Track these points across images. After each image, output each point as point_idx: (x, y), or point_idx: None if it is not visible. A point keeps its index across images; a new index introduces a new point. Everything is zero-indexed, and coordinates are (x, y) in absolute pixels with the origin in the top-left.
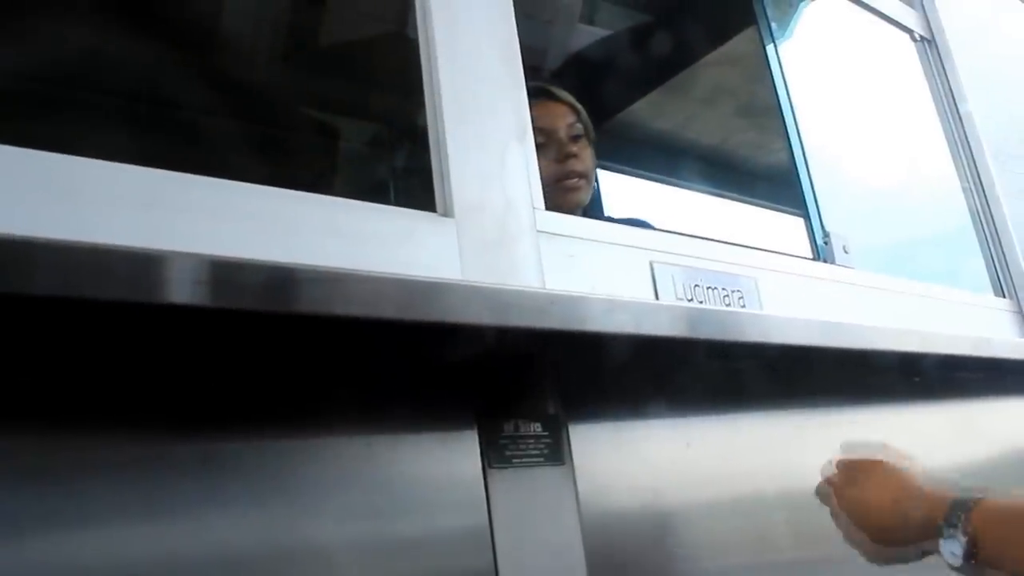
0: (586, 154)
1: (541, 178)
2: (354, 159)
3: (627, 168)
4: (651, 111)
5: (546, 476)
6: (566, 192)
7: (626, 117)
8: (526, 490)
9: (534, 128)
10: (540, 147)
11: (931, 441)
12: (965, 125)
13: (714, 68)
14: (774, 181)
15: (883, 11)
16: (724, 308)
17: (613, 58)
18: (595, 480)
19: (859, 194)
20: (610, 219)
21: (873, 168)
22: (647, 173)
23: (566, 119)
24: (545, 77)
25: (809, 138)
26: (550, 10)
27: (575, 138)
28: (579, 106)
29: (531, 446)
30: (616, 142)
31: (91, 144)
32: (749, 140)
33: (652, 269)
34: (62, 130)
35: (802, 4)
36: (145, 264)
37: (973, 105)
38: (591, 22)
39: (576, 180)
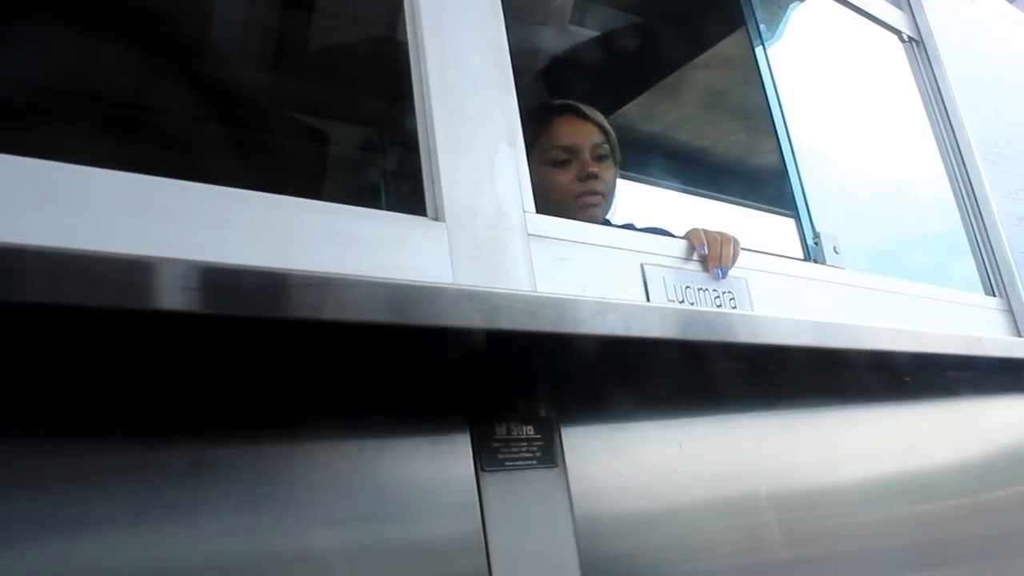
0: (608, 174)
1: (560, 192)
2: (345, 164)
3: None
4: (641, 113)
5: (539, 478)
6: (583, 208)
7: (616, 120)
8: (519, 493)
9: (559, 146)
10: (563, 163)
11: (923, 440)
12: (954, 124)
13: (704, 70)
14: (765, 182)
15: (871, 12)
16: (715, 309)
17: (603, 60)
18: (588, 482)
19: (849, 195)
20: (631, 227)
21: (863, 168)
22: (638, 176)
23: (592, 138)
24: (536, 79)
25: (799, 139)
26: (540, 12)
27: (600, 158)
28: (607, 126)
29: (524, 449)
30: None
31: (80, 150)
32: (739, 142)
33: (643, 271)
34: (52, 136)
35: (791, 6)
36: (134, 271)
37: (961, 105)
38: (582, 24)
39: (594, 198)
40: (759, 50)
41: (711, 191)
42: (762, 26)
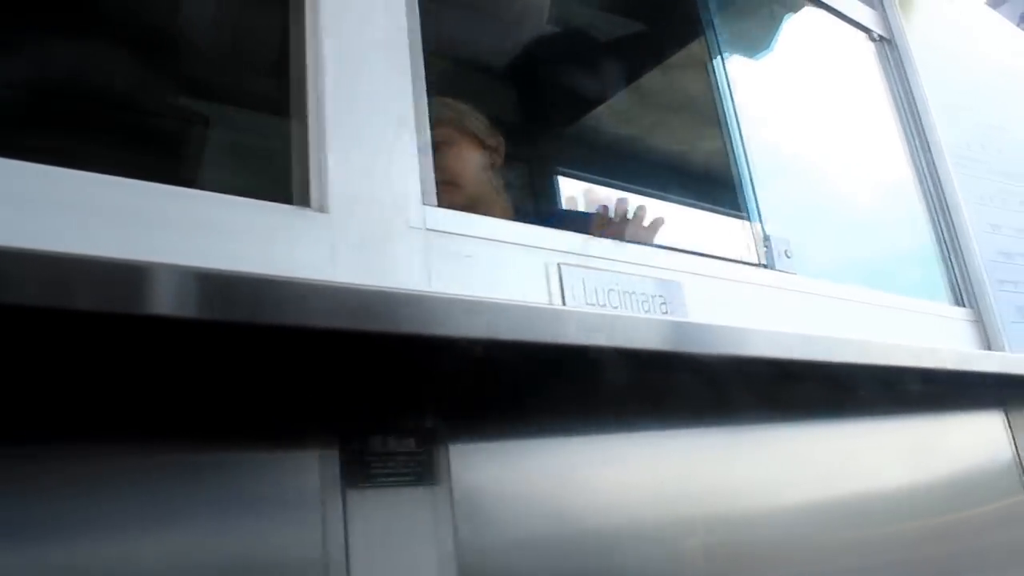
0: (447, 158)
1: None
2: (232, 149)
3: (587, 174)
4: (613, 117)
5: (416, 497)
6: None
7: (589, 122)
8: (390, 514)
9: None
10: None
11: (876, 459)
12: (925, 127)
13: (677, 72)
14: (726, 186)
15: (841, 10)
16: (640, 315)
17: (579, 59)
18: (476, 504)
19: (815, 200)
20: (561, 212)
21: (830, 173)
22: (607, 180)
23: None
24: (510, 78)
25: (782, 150)
26: (517, 11)
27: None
28: (446, 112)
29: (401, 464)
30: (579, 147)
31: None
32: (712, 148)
33: (560, 271)
34: (42, 140)
35: (785, 17)
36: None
37: (936, 108)
38: (559, 23)
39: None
40: (717, 60)
41: (677, 195)
42: (722, 29)
